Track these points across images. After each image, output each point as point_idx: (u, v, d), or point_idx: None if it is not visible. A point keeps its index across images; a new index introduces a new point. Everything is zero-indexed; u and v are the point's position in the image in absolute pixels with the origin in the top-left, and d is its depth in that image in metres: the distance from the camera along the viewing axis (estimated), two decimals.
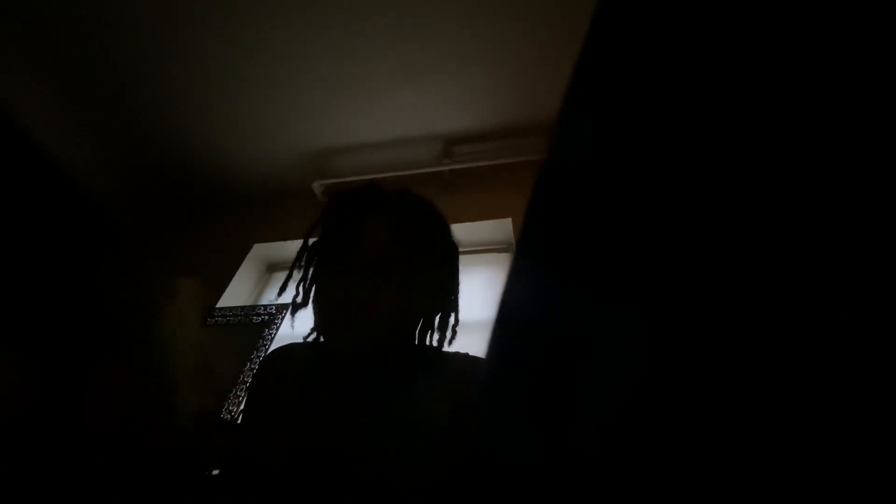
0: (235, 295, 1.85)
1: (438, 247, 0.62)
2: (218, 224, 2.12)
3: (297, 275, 0.65)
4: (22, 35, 1.55)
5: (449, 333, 0.63)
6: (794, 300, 0.15)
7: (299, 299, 0.65)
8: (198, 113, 1.83)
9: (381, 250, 0.55)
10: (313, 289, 0.62)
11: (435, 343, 0.64)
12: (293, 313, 0.65)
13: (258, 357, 1.53)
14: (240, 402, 1.42)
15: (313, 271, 0.64)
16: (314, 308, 0.60)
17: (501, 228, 1.77)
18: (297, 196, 2.08)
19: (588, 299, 0.18)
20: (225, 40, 1.56)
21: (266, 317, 1.67)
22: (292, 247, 2.11)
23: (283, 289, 0.66)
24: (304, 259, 0.65)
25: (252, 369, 1.50)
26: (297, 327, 0.66)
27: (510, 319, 0.21)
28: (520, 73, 1.63)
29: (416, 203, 0.63)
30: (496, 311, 0.21)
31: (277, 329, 1.62)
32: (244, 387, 1.45)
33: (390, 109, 1.77)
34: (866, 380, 0.14)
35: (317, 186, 1.99)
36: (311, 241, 0.64)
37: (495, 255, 1.80)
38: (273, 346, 1.56)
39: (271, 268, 2.08)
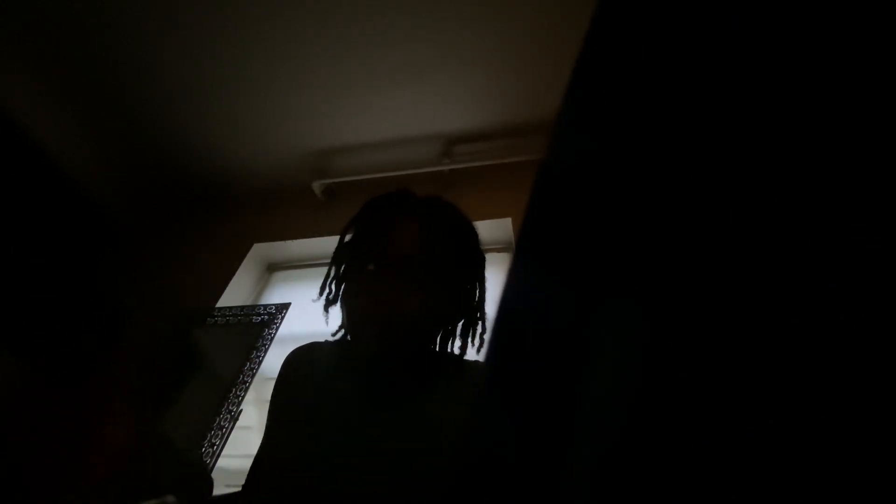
0: (235, 294, 1.85)
1: (465, 254, 0.65)
2: (218, 224, 2.13)
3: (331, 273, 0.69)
4: (22, 35, 1.55)
5: (477, 342, 0.66)
6: (795, 301, 0.15)
7: (331, 297, 0.68)
8: (198, 113, 1.83)
9: (408, 253, 0.57)
10: (343, 287, 0.65)
11: (457, 350, 0.65)
12: (326, 310, 0.68)
13: (258, 357, 1.53)
14: (240, 402, 1.42)
15: (344, 270, 0.67)
16: (342, 306, 0.62)
17: (501, 228, 1.77)
18: (297, 196, 2.08)
19: (589, 299, 0.18)
20: (225, 40, 1.56)
21: (266, 317, 1.67)
22: (292, 247, 2.12)
23: (322, 288, 0.69)
24: (337, 258, 0.68)
25: (252, 369, 1.50)
26: (330, 324, 0.69)
27: (510, 319, 0.21)
28: (520, 72, 1.63)
29: (446, 211, 0.66)
30: (496, 310, 0.21)
31: (277, 329, 1.62)
32: (244, 387, 1.45)
33: (390, 109, 1.77)
34: (867, 380, 0.14)
35: (317, 186, 1.99)
36: (345, 239, 0.67)
37: (495, 254, 1.80)
38: (272, 346, 1.56)
39: (271, 267, 2.08)
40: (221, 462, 1.30)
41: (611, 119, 0.17)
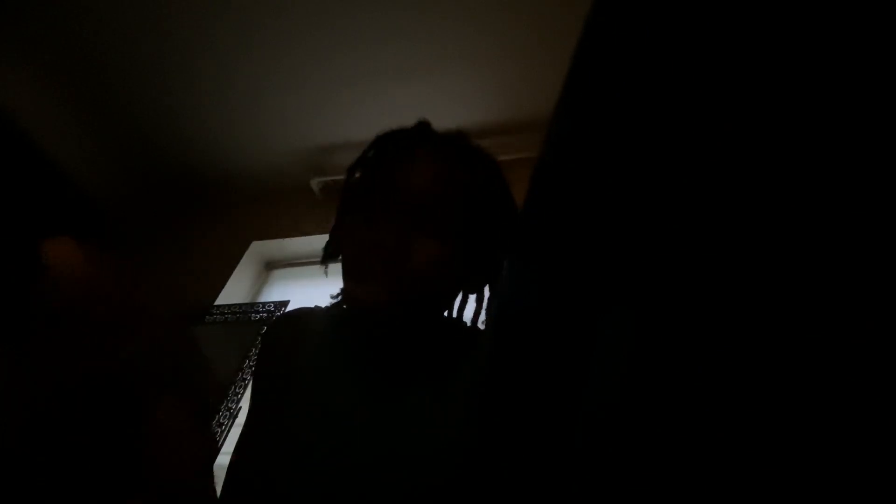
0: (234, 292, 1.85)
1: (495, 198, 0.53)
2: (216, 221, 2.12)
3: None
4: (21, 33, 1.54)
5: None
6: (793, 300, 0.15)
7: (330, 250, 0.56)
8: (195, 109, 1.82)
9: (427, 191, 0.46)
10: (342, 237, 0.52)
11: (480, 322, 0.54)
12: (323, 262, 0.57)
13: (257, 355, 1.53)
14: (239, 399, 1.42)
15: (346, 215, 0.53)
16: (342, 256, 0.51)
17: None
18: (295, 193, 2.07)
19: (585, 296, 0.18)
20: (223, 34, 1.55)
21: (265, 314, 1.67)
22: (291, 244, 2.11)
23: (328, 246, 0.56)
24: (342, 202, 0.55)
25: (251, 367, 1.50)
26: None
27: (508, 317, 0.21)
28: (520, 70, 1.63)
29: (472, 148, 0.54)
30: (494, 309, 0.21)
31: None
32: (243, 384, 1.45)
33: (389, 106, 1.77)
34: (865, 380, 0.14)
35: (315, 184, 1.99)
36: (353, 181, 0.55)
37: None
38: None
39: (269, 265, 2.07)
40: (220, 459, 1.30)
41: (607, 117, 0.17)
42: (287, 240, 1.95)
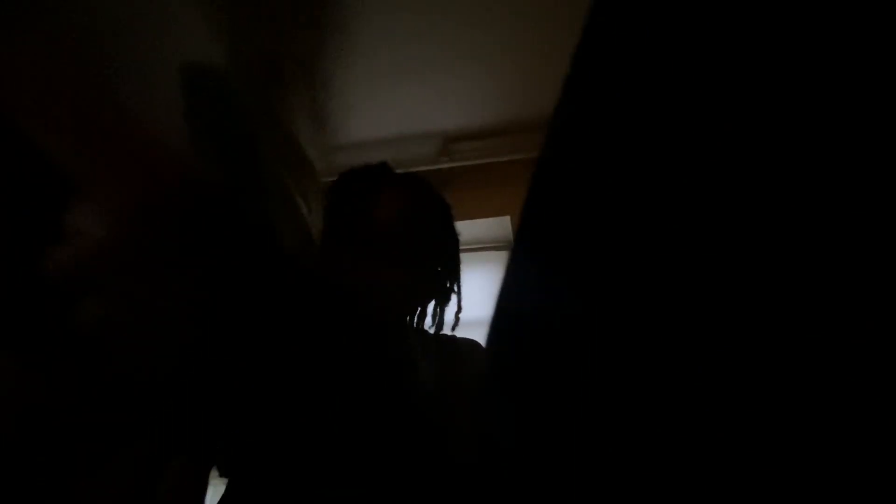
0: None
1: (443, 234, 0.66)
2: None
3: None
4: (20, 33, 1.54)
5: (452, 321, 0.67)
6: (794, 301, 0.15)
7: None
8: None
9: (390, 228, 0.57)
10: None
11: (432, 331, 0.66)
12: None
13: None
14: None
15: (322, 242, 0.66)
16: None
17: (500, 226, 1.77)
18: None
19: (585, 296, 0.18)
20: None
21: None
22: None
23: None
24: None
25: None
26: None
27: (508, 317, 0.21)
28: (520, 69, 1.63)
29: (425, 188, 0.66)
30: (494, 309, 0.21)
31: None
32: None
33: (388, 106, 1.77)
34: (865, 380, 0.14)
35: None
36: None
37: (494, 252, 1.80)
38: None
39: None
40: None
41: (607, 116, 0.17)
42: None
